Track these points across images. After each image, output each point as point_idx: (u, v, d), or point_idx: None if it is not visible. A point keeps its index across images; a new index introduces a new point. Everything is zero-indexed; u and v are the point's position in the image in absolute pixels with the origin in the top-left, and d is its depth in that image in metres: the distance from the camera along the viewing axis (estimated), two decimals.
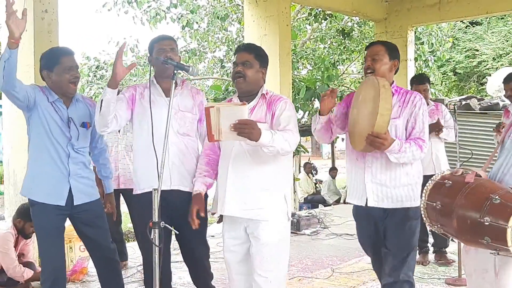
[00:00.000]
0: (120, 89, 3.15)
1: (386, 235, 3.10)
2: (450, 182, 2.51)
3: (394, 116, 2.95)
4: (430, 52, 12.88)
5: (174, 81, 2.79)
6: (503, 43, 18.81)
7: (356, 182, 3.14)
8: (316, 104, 14.04)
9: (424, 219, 2.66)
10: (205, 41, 13.60)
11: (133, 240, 7.03)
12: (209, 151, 3.09)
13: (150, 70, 3.23)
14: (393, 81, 3.11)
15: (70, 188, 3.33)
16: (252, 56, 2.91)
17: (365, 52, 3.16)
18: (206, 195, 3.14)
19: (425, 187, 2.66)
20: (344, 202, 11.70)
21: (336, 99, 3.17)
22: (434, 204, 2.53)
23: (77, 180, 3.36)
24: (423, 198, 2.64)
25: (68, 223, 3.53)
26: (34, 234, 4.40)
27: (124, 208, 5.18)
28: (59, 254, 3.40)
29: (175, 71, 2.83)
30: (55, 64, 3.31)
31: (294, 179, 10.46)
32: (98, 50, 26.55)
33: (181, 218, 3.11)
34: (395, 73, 3.17)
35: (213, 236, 7.06)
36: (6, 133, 5.58)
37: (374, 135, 2.79)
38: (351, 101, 3.17)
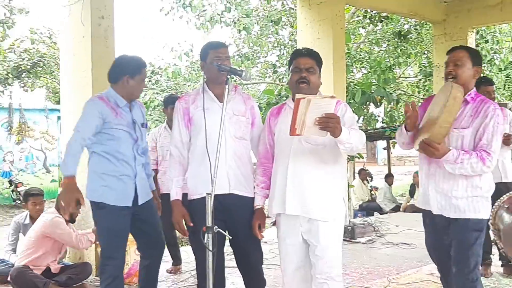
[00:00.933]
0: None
1: (451, 246, 3.06)
2: None
3: (463, 126, 2.94)
4: (494, 52, 12.44)
5: (227, 86, 2.86)
6: None
7: (424, 188, 3.15)
8: (371, 108, 13.86)
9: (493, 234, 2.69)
10: (258, 45, 13.67)
11: (187, 245, 7.13)
12: (263, 160, 3.17)
13: (203, 76, 3.29)
14: (472, 88, 3.05)
15: (135, 188, 3.53)
16: (315, 62, 3.01)
17: (447, 56, 3.11)
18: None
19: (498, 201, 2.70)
20: (406, 210, 11.45)
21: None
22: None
23: (140, 181, 3.57)
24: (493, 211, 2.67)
25: None
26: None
27: None
28: (123, 254, 3.64)
29: (228, 76, 2.90)
30: (137, 72, 3.57)
31: (348, 185, 10.33)
32: (152, 55, 27.15)
33: (237, 223, 3.17)
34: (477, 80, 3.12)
35: (266, 243, 7.07)
36: (65, 140, 5.76)
37: (426, 142, 2.83)
38: (429, 103, 3.16)
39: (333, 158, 2.90)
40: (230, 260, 4.08)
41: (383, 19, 11.80)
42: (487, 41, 11.96)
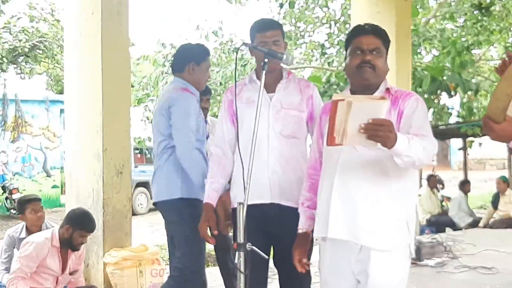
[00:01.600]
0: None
1: None
2: None
3: None
4: None
5: (264, 71, 2.89)
6: None
7: None
8: (444, 98, 13.68)
9: None
10: (303, 21, 13.66)
11: (213, 265, 7.20)
12: (312, 171, 3.04)
13: (236, 60, 3.36)
14: None
15: None
16: (381, 41, 2.86)
17: None
18: None
19: None
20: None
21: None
22: None
23: None
24: None
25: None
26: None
27: None
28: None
29: (266, 60, 2.92)
30: (203, 60, 3.94)
31: None
32: (174, 35, 27.40)
33: (282, 238, 3.18)
34: None
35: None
36: (69, 138, 5.90)
37: (484, 121, 2.50)
38: None
39: (398, 168, 2.65)
40: (270, 283, 4.11)
41: None
42: None
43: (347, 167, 2.74)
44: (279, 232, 3.21)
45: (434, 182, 13.17)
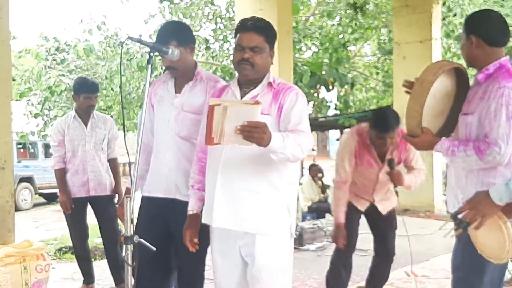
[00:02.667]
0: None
1: None
2: None
3: (470, 111, 2.89)
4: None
5: (150, 66, 2.83)
6: None
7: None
8: (323, 92, 14.08)
9: None
10: (188, 17, 13.58)
11: (101, 258, 7.03)
12: (201, 154, 3.05)
13: (121, 54, 3.28)
14: (492, 62, 2.90)
15: None
16: (263, 38, 2.86)
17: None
18: None
19: None
20: None
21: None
22: None
23: None
24: None
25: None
26: None
27: (91, 219, 5.22)
28: None
29: (151, 54, 2.85)
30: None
31: None
32: (58, 29, 26.39)
33: (175, 230, 3.18)
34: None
35: None
36: None
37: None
38: None
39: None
40: None
41: None
42: (455, 15, 12.35)
43: (230, 161, 2.80)
44: (174, 225, 3.22)
45: (315, 171, 13.52)
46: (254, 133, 2.46)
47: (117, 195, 5.22)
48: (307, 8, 13.85)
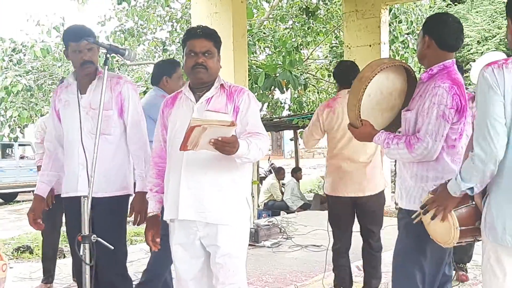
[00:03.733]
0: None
1: None
2: None
3: (409, 108, 3.04)
4: (408, 33, 13.10)
5: (106, 67, 2.85)
6: (489, 24, 19.35)
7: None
8: (277, 94, 14.13)
9: None
10: (145, 19, 13.46)
11: (63, 257, 6.92)
12: (157, 159, 3.16)
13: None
14: (437, 63, 2.99)
15: None
16: (212, 43, 3.00)
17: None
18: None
19: None
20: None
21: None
22: None
23: None
24: None
25: None
26: None
27: None
28: None
29: (108, 55, 2.88)
30: (174, 72, 4.46)
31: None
32: (14, 30, 25.89)
33: (96, 226, 3.11)
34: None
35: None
36: None
37: (348, 126, 3.21)
38: None
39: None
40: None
41: None
42: (400, 21, 12.58)
43: (193, 159, 2.89)
44: (96, 221, 3.17)
45: (282, 174, 13.73)
46: (226, 147, 2.65)
47: None
48: (261, 12, 13.87)
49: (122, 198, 3.47)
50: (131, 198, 3.56)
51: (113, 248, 2.93)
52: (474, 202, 2.70)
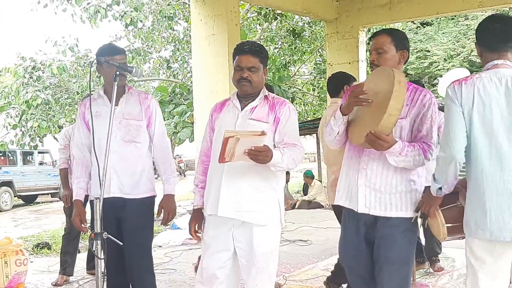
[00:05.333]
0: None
1: (375, 246, 2.89)
2: None
3: (401, 116, 2.71)
4: None
5: (116, 82, 2.84)
6: (454, 44, 19.50)
7: (350, 185, 2.94)
8: None
9: None
10: (150, 40, 13.46)
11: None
12: (204, 158, 3.13)
13: (90, 73, 3.26)
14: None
15: None
16: (258, 59, 2.93)
17: (371, 43, 2.96)
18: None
19: None
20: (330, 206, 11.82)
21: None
22: None
23: None
24: None
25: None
26: None
27: None
28: None
29: (117, 72, 2.87)
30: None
31: None
32: (34, 50, 25.84)
33: (126, 223, 3.27)
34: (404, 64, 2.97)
35: (160, 246, 6.99)
36: None
37: (375, 135, 2.62)
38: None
39: None
40: None
41: (277, 17, 12.07)
42: None
43: (234, 165, 2.83)
44: (124, 222, 3.31)
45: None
46: (260, 156, 2.66)
47: None
48: (254, 34, 13.91)
49: (149, 199, 3.40)
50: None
51: (121, 244, 2.92)
52: (459, 203, 2.76)
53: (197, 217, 3.05)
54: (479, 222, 2.47)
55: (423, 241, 5.12)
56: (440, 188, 2.63)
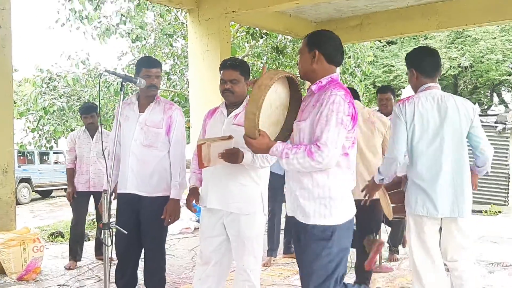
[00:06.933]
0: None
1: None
2: None
3: (303, 118, 2.42)
4: (355, 66, 13.27)
5: (122, 92, 2.84)
6: None
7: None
8: None
9: None
10: (153, 55, 13.42)
11: (87, 239, 6.82)
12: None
13: (99, 83, 3.29)
14: (326, 76, 2.45)
15: None
16: (238, 72, 2.97)
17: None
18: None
19: None
20: None
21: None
22: None
23: None
24: None
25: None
26: None
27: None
28: None
29: (123, 83, 2.87)
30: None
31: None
32: (50, 63, 25.65)
33: (142, 218, 3.33)
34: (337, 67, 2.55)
35: None
36: None
37: (244, 138, 2.38)
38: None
39: None
40: None
41: (263, 35, 12.10)
42: (349, 57, 12.73)
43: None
44: (141, 214, 3.34)
45: None
46: (231, 158, 2.75)
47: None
48: (242, 50, 13.90)
49: (162, 198, 3.31)
50: None
51: (126, 233, 2.90)
52: (402, 188, 3.20)
53: (194, 193, 3.09)
54: (419, 200, 2.96)
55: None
56: (382, 179, 3.13)
